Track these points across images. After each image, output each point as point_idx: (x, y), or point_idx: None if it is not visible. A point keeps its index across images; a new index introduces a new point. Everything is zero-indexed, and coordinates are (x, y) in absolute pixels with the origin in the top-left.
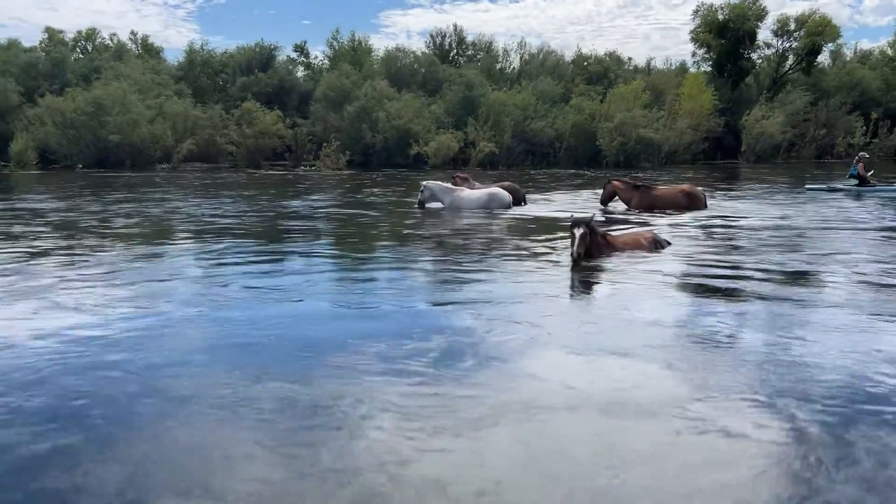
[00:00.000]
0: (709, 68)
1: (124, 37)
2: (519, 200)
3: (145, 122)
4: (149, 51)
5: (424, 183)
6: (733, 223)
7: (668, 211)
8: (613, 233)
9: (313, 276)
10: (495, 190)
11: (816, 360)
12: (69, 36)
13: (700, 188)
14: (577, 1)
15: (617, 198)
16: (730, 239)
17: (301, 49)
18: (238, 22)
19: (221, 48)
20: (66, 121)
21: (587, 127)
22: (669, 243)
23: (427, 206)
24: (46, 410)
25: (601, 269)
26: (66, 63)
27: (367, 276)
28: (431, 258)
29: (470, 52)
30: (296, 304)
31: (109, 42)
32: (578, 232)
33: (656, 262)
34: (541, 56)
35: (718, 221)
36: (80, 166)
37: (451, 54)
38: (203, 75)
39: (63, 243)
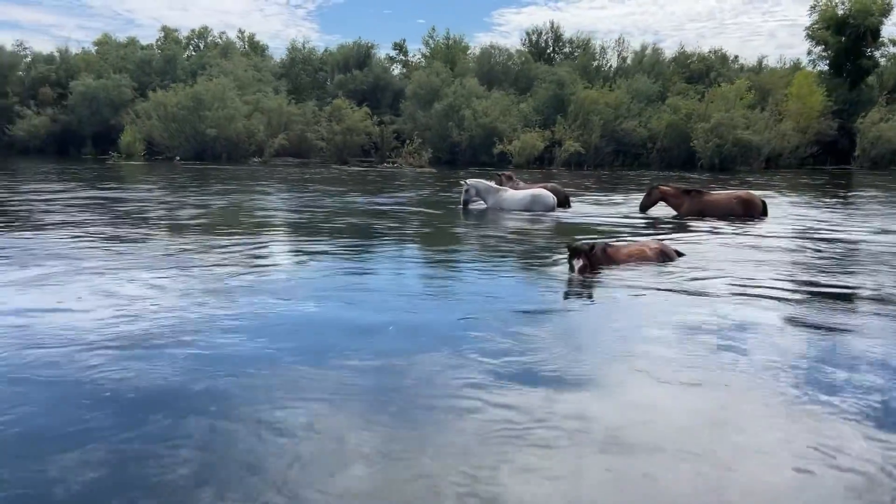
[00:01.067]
0: (825, 67)
1: (233, 35)
2: (562, 202)
3: (241, 117)
4: (254, 48)
5: (468, 182)
6: (821, 235)
7: (721, 218)
8: (617, 244)
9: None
10: (539, 191)
11: None
12: (184, 34)
13: (758, 194)
14: None
15: (665, 204)
16: (793, 251)
17: (400, 47)
18: (355, 21)
19: (323, 46)
20: (168, 114)
21: (682, 127)
22: (681, 254)
23: (470, 206)
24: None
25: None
26: (177, 60)
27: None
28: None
29: (567, 50)
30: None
31: (219, 40)
32: (577, 264)
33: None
34: (641, 53)
35: (790, 232)
36: (178, 158)
37: (548, 52)
38: (303, 73)
39: (152, 233)
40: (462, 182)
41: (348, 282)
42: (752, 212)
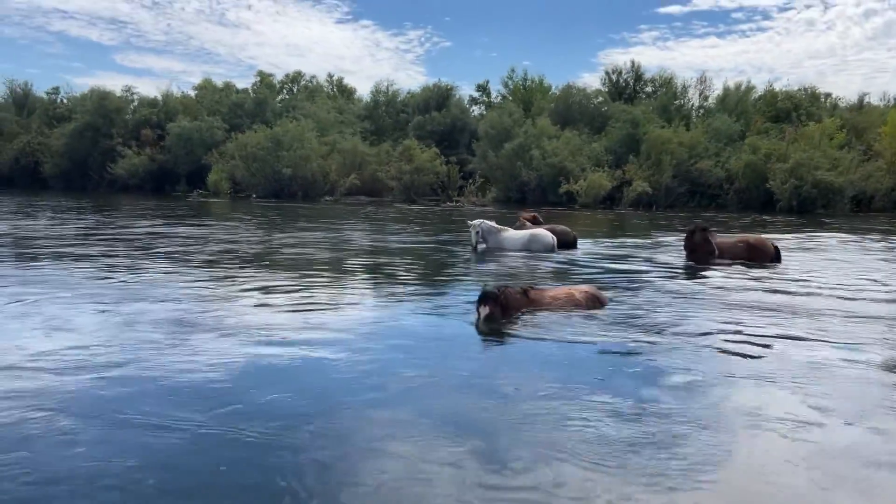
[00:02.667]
0: None
1: (323, 79)
2: (569, 244)
3: (317, 158)
4: (342, 91)
5: (473, 223)
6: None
7: (729, 262)
8: (543, 287)
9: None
10: (538, 231)
11: None
12: (278, 78)
13: (769, 239)
14: (819, 33)
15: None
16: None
17: (483, 88)
18: (461, 64)
19: (406, 89)
20: (248, 154)
21: (761, 168)
22: (610, 300)
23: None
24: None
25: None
26: (267, 103)
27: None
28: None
29: (649, 89)
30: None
31: (309, 84)
32: (483, 312)
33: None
34: (725, 91)
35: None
36: (255, 196)
37: (627, 91)
38: (385, 114)
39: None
40: (469, 223)
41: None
42: (760, 257)
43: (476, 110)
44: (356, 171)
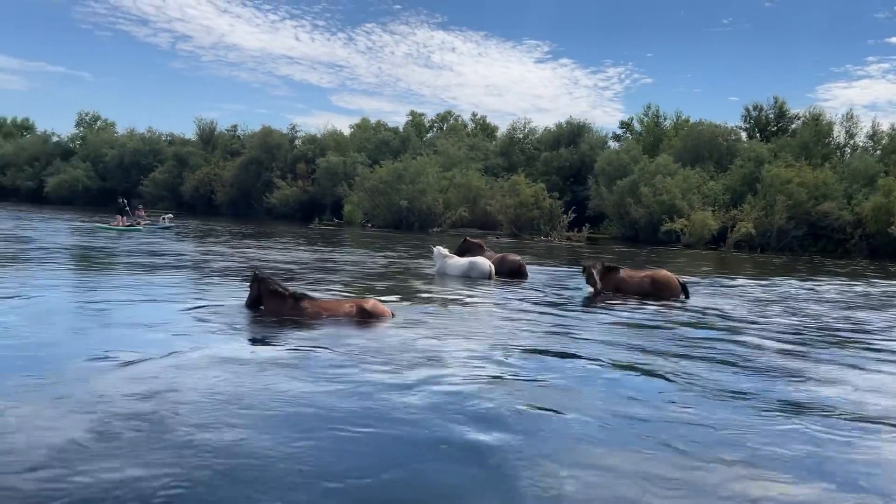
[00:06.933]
0: None
1: (467, 117)
2: (515, 272)
3: (434, 191)
4: (483, 129)
5: (433, 249)
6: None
7: (636, 297)
8: (318, 297)
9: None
10: (476, 259)
11: None
12: (430, 117)
13: (674, 275)
14: None
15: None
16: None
17: (627, 125)
18: (663, 100)
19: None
20: (372, 188)
21: (892, 212)
22: (394, 315)
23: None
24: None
25: None
26: (410, 139)
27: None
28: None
29: (794, 126)
30: None
31: (454, 122)
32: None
33: None
34: (874, 129)
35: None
36: (370, 225)
37: (769, 128)
38: (519, 150)
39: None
40: (432, 248)
41: None
42: (664, 293)
43: (613, 146)
44: (467, 205)
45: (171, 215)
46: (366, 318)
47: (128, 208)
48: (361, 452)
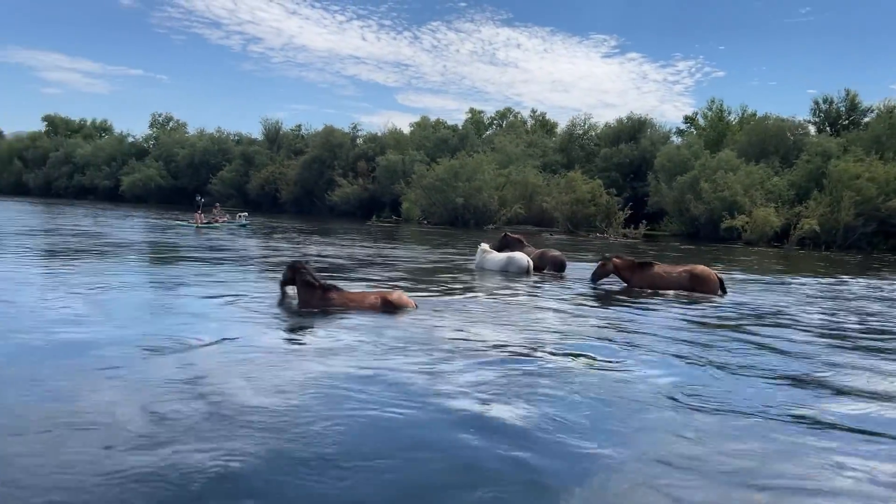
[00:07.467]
0: None
1: (527, 114)
2: (557, 266)
3: (490, 188)
4: (543, 126)
5: (480, 245)
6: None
7: (672, 292)
8: (347, 290)
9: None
10: (514, 254)
11: None
12: (489, 115)
13: (714, 270)
14: None
15: (616, 276)
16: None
17: (691, 120)
18: (736, 94)
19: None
20: (429, 185)
21: None
22: (417, 306)
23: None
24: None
25: None
26: (468, 137)
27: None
28: None
29: (867, 120)
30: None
31: (512, 118)
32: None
33: None
34: None
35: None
36: (426, 221)
37: (840, 121)
38: (578, 147)
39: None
40: (479, 245)
41: None
42: (704, 287)
43: (676, 141)
44: (522, 202)
45: (246, 213)
46: (390, 308)
47: (204, 206)
48: (395, 433)
